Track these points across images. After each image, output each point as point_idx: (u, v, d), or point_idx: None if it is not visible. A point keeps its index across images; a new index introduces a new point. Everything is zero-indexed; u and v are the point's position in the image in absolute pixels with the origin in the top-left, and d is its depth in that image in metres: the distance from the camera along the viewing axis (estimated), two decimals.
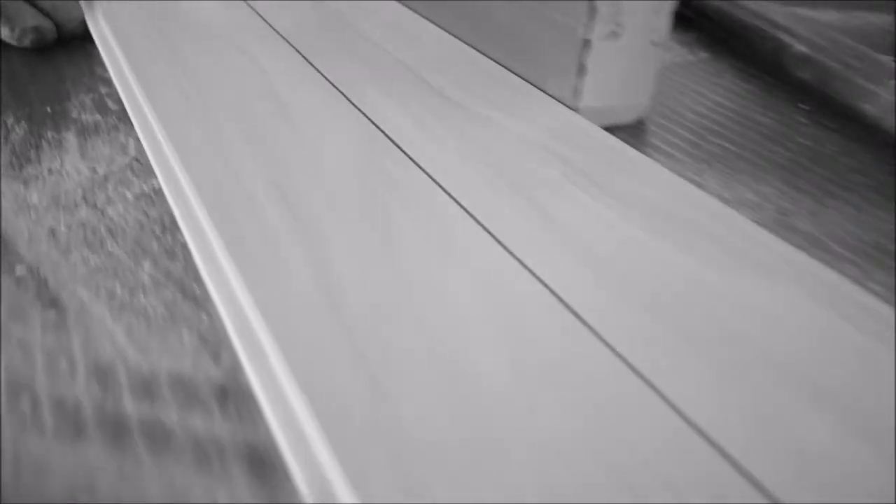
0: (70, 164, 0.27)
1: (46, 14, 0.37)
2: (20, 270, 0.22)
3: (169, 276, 0.22)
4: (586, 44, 0.28)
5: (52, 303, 0.20)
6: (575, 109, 0.29)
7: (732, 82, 0.38)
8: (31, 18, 0.36)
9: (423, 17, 0.38)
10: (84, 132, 0.30)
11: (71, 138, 0.29)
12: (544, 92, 0.30)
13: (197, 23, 0.36)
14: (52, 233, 0.23)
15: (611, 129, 0.29)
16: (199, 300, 0.21)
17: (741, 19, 0.40)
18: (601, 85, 0.29)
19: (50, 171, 0.27)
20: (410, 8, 0.40)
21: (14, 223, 0.24)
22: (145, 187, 0.26)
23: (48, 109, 0.31)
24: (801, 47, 0.36)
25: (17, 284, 0.21)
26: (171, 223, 0.24)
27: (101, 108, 0.32)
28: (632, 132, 0.31)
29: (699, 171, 0.29)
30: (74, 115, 0.31)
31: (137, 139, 0.29)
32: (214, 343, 0.19)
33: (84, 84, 0.34)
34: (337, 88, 0.29)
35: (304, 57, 0.32)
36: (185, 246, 0.23)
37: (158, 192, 0.26)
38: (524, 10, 0.31)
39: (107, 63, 0.34)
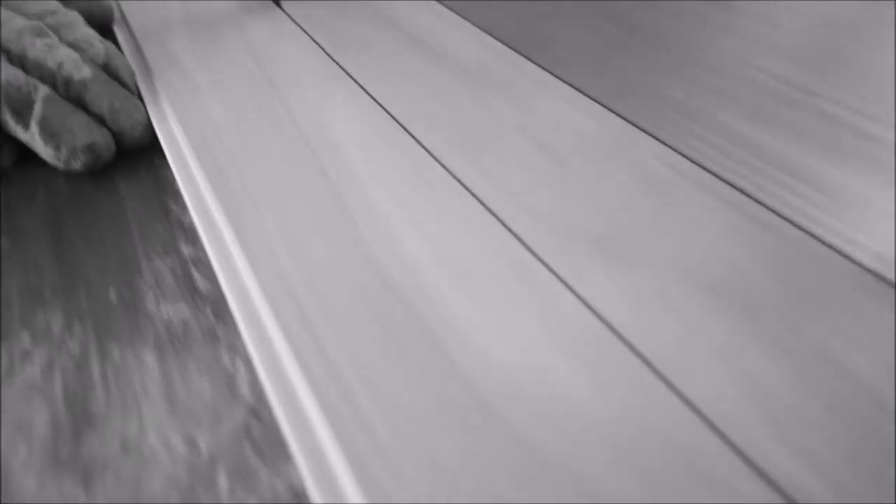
0: (154, 426, 0.17)
1: (102, 121, 0.27)
2: None
3: None
4: None
5: None
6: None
7: None
8: (82, 133, 0.26)
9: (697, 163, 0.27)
10: (167, 346, 0.19)
11: (150, 361, 0.19)
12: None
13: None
14: None
15: None
16: None
17: None
18: None
19: (124, 446, 0.17)
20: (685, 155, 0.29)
21: None
22: (279, 484, 0.16)
23: (111, 295, 0.21)
24: None
25: None
26: None
27: (186, 287, 0.21)
28: None
29: None
30: (150, 305, 0.21)
31: (246, 358, 0.19)
32: None
33: (157, 235, 0.24)
34: None
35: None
36: None
37: (300, 495, 0.16)
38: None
39: (189, 205, 0.24)
